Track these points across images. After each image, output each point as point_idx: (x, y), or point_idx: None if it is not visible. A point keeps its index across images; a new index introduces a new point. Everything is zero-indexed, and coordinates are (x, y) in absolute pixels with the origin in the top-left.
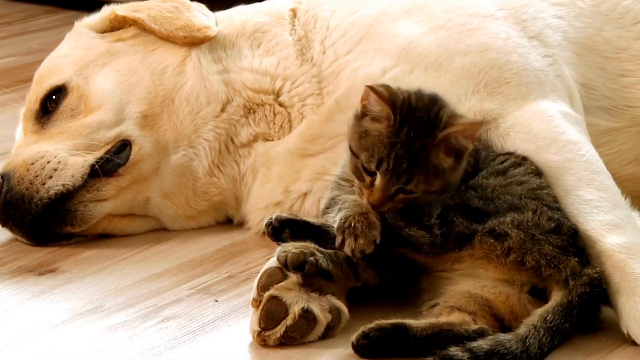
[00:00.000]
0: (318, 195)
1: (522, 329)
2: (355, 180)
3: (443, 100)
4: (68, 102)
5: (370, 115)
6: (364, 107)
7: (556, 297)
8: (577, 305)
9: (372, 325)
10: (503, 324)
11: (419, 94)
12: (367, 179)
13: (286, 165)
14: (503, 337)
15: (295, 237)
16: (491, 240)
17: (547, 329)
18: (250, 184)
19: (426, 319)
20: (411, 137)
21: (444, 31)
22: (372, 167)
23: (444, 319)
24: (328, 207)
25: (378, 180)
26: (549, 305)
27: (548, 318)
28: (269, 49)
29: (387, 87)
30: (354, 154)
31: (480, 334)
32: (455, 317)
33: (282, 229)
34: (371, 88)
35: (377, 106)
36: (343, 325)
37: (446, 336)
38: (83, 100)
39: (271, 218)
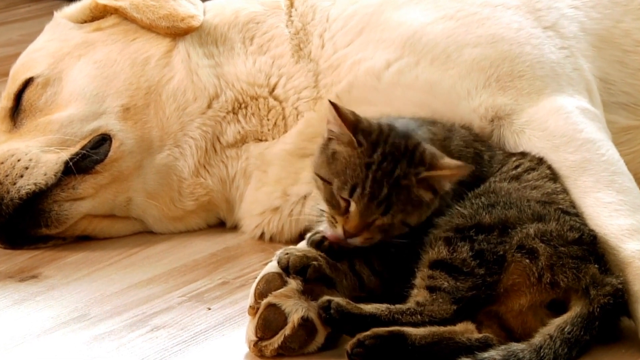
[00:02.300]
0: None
1: (537, 339)
2: (328, 209)
3: (417, 135)
4: (39, 97)
5: (336, 139)
6: (328, 131)
7: (576, 307)
8: (598, 317)
9: (367, 332)
10: (512, 335)
11: (391, 124)
12: (343, 205)
13: (284, 167)
14: (516, 347)
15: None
16: (526, 261)
17: (564, 340)
18: (242, 187)
19: (429, 326)
20: (388, 160)
21: (452, 21)
22: (345, 194)
23: (445, 326)
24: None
25: (354, 207)
26: (567, 316)
27: (566, 329)
28: (262, 45)
29: (352, 112)
30: (325, 181)
31: (483, 343)
32: (457, 325)
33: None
34: (332, 104)
35: (335, 128)
36: (343, 335)
37: (447, 345)
38: (57, 94)
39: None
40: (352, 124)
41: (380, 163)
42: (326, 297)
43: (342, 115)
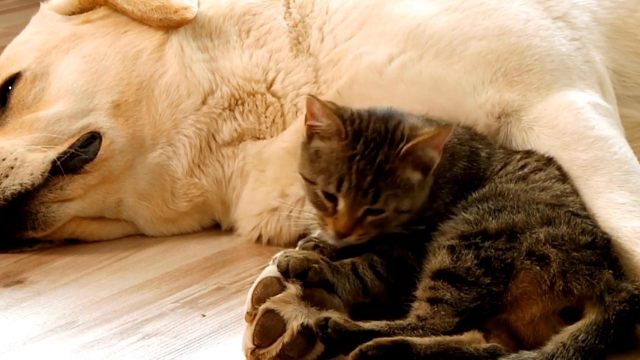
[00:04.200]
0: None
1: (549, 347)
2: (316, 211)
3: (401, 114)
4: (26, 93)
5: (319, 134)
6: (309, 127)
7: (590, 314)
8: (614, 325)
9: (370, 342)
10: (522, 345)
11: (371, 110)
12: (329, 205)
13: (282, 166)
14: (527, 355)
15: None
16: (536, 268)
17: (578, 349)
18: (239, 188)
19: (434, 336)
20: (370, 147)
21: (457, 13)
22: (332, 189)
23: (452, 336)
24: None
25: (341, 203)
26: (581, 324)
27: (580, 337)
28: (259, 38)
29: (332, 102)
30: (309, 181)
31: (492, 353)
32: (464, 335)
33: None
34: (314, 97)
35: (324, 119)
36: None
37: (453, 355)
38: (44, 90)
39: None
40: (338, 113)
41: (363, 152)
42: (323, 315)
43: (327, 107)
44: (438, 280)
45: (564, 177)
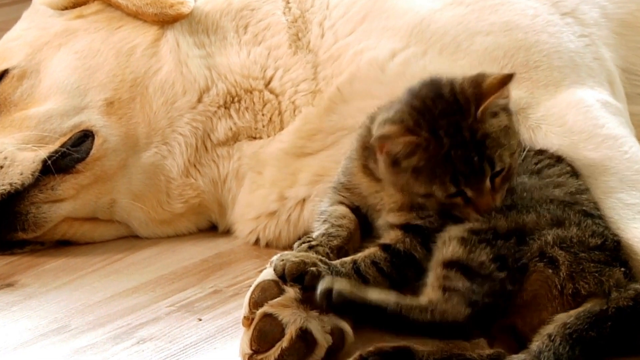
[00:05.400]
0: (319, 200)
1: (535, 344)
2: (451, 214)
3: (441, 77)
4: (15, 90)
5: (403, 156)
6: (387, 155)
7: (587, 304)
8: (612, 317)
9: (370, 348)
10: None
11: (411, 95)
12: (458, 200)
13: (280, 168)
14: (516, 358)
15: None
16: (549, 271)
17: (565, 336)
18: (235, 190)
19: (437, 341)
20: (453, 133)
21: (462, 7)
22: (453, 189)
23: (454, 342)
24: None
25: (469, 192)
26: (573, 311)
27: (568, 322)
28: (257, 34)
29: (395, 125)
30: (425, 196)
31: (496, 359)
32: (468, 341)
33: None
34: (378, 138)
35: (395, 145)
36: (347, 348)
37: None
38: (35, 87)
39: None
40: (404, 129)
41: (451, 143)
42: (327, 284)
43: (395, 131)
44: (451, 270)
45: (575, 171)
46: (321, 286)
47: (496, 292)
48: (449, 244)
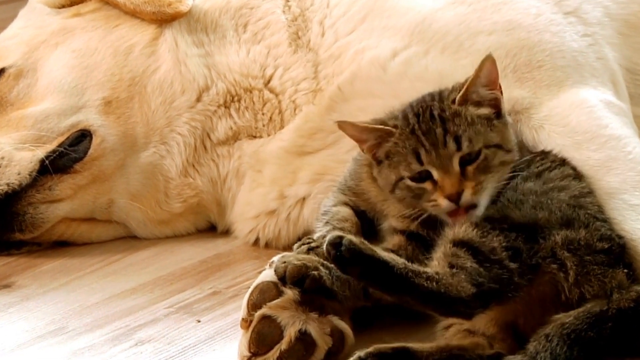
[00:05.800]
0: (319, 199)
1: (532, 345)
2: (424, 202)
3: (437, 90)
4: (12, 89)
5: (376, 146)
6: (368, 150)
7: (587, 304)
8: (612, 318)
9: (369, 349)
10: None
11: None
12: (427, 184)
13: (280, 166)
14: (512, 359)
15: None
16: (561, 275)
17: (563, 337)
18: (234, 189)
19: (437, 342)
20: (422, 112)
21: (465, 6)
22: (416, 166)
23: (455, 342)
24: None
25: (433, 170)
26: (572, 311)
27: (567, 322)
28: (257, 32)
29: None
30: (398, 180)
31: None
32: (468, 341)
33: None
34: (341, 122)
35: (365, 134)
36: (347, 350)
37: None
38: (32, 86)
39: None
40: (373, 122)
41: (418, 121)
42: (337, 233)
43: (357, 124)
44: (460, 249)
45: (577, 174)
46: (330, 236)
47: (503, 281)
48: (461, 224)
